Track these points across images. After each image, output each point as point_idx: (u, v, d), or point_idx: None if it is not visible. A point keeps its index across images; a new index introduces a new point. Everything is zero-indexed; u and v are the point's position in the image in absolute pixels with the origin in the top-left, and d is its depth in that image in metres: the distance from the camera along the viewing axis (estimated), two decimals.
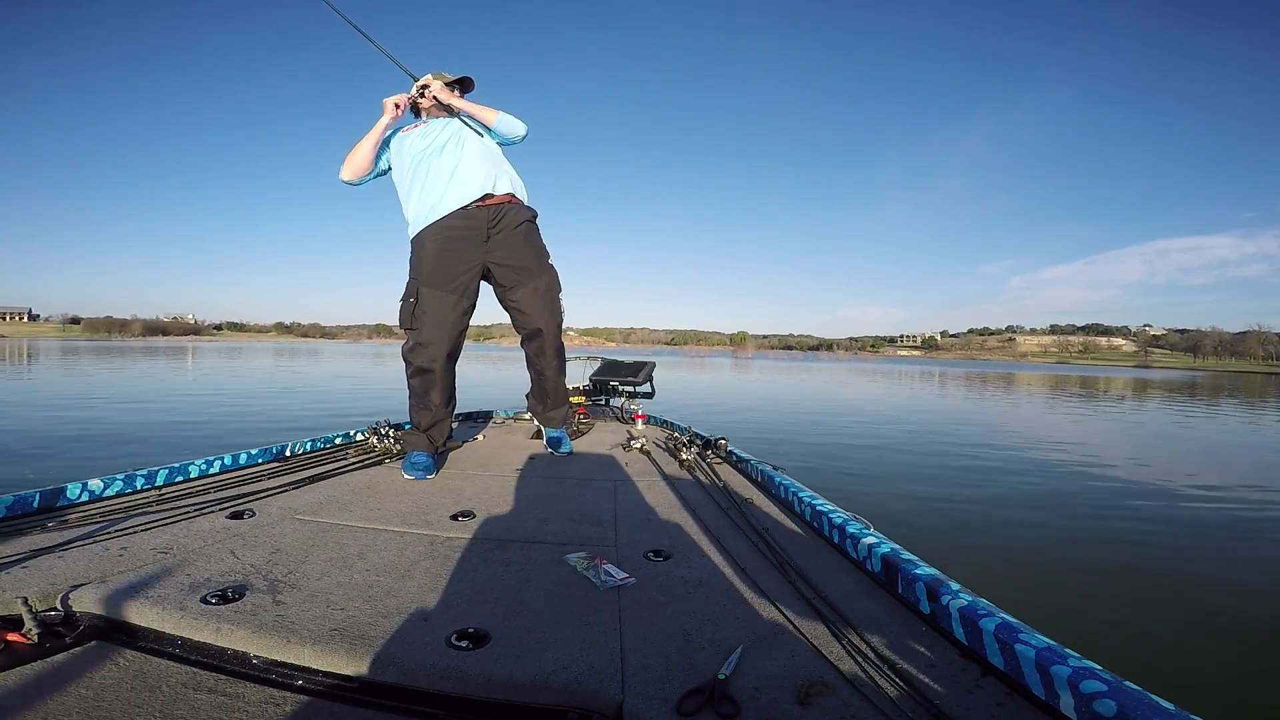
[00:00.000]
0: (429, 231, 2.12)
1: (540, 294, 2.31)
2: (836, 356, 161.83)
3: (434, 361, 2.11)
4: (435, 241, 2.11)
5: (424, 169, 2.16)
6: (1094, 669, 0.71)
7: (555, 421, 2.50)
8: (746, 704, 0.75)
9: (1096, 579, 2.88)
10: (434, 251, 2.10)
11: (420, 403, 2.14)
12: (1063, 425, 10.15)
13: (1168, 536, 3.64)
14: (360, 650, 0.85)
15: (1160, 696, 0.65)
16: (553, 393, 2.47)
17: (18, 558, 1.11)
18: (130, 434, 6.08)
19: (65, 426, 6.40)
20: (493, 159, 2.24)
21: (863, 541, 1.20)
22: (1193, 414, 13.12)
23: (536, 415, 2.57)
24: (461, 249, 2.13)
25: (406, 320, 2.10)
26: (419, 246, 2.14)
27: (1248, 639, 2.33)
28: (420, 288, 2.09)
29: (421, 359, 2.10)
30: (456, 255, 2.12)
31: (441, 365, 2.13)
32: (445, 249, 2.11)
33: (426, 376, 2.12)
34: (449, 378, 2.20)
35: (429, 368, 2.11)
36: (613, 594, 1.08)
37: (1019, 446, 7.32)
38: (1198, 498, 4.71)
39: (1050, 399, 17.03)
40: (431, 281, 2.09)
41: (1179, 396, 20.10)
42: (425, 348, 2.09)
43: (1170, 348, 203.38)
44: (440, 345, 2.11)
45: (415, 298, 2.08)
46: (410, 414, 2.19)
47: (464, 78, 2.26)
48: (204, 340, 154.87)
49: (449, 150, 2.17)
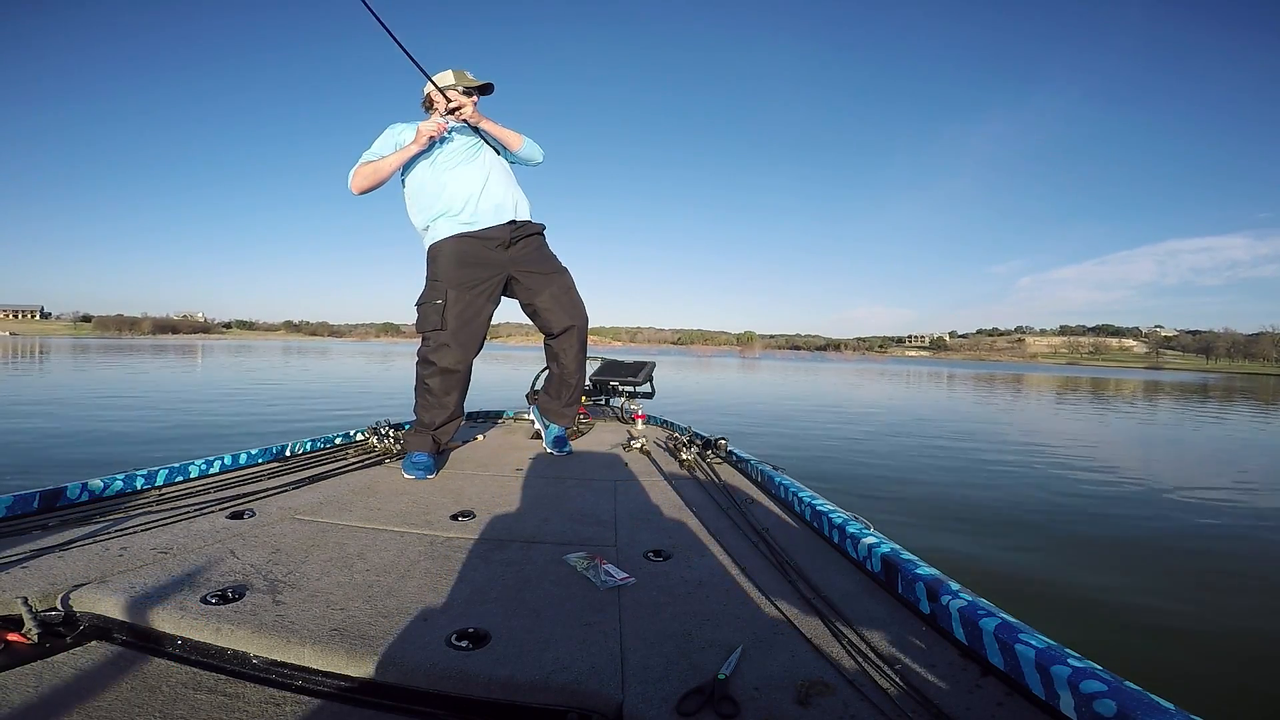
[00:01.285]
0: (454, 240, 2.15)
1: (565, 292, 2.35)
2: (844, 357, 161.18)
3: (460, 363, 2.13)
4: (461, 248, 2.14)
5: (447, 178, 2.16)
6: (1094, 669, 0.71)
7: (566, 419, 2.50)
8: (746, 704, 0.75)
9: (1097, 579, 2.88)
10: (459, 258, 2.13)
11: (436, 403, 2.13)
12: (1071, 427, 10.13)
13: (1170, 537, 3.64)
14: (360, 650, 0.85)
15: (1160, 696, 0.65)
16: (573, 387, 2.48)
17: (18, 558, 1.11)
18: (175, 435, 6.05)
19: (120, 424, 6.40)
20: (511, 179, 2.30)
21: (863, 541, 1.20)
22: (1204, 416, 13.03)
23: (549, 411, 2.53)
24: (486, 256, 2.17)
25: (434, 322, 2.09)
26: (442, 253, 2.15)
27: (1248, 639, 2.33)
28: (449, 290, 2.10)
29: (448, 360, 2.10)
30: (482, 262, 2.16)
31: (467, 367, 2.16)
32: (472, 256, 2.15)
33: (450, 377, 2.13)
34: (468, 380, 2.22)
35: (455, 369, 2.12)
36: (613, 594, 1.08)
37: (1022, 447, 7.32)
38: (1201, 499, 4.71)
39: (1059, 400, 16.93)
40: (458, 284, 2.12)
41: (1191, 399, 19.96)
42: (451, 349, 2.10)
43: (1182, 349, 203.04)
44: (467, 348, 2.14)
45: (444, 299, 2.09)
46: (419, 413, 2.17)
47: (486, 84, 2.25)
48: (213, 338, 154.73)
49: (476, 165, 2.19)
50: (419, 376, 2.16)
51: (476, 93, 2.23)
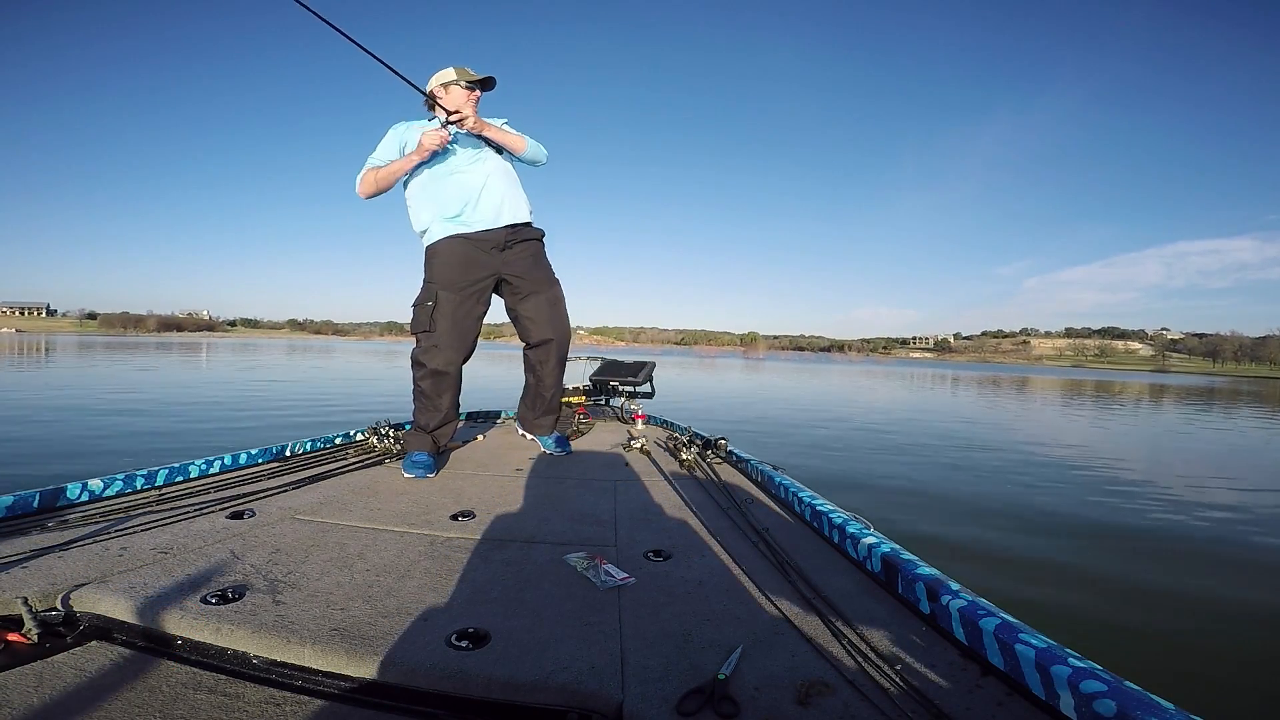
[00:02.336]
0: (449, 242, 2.15)
1: (551, 304, 2.36)
2: (849, 358, 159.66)
3: (450, 365, 2.13)
4: (454, 250, 2.15)
5: (446, 181, 2.16)
6: (1094, 669, 0.71)
7: (543, 429, 2.49)
8: (746, 704, 0.75)
9: (1097, 578, 2.88)
10: (453, 259, 2.14)
11: (430, 405, 2.14)
12: (1078, 429, 10.01)
13: (1171, 536, 3.64)
14: (360, 650, 0.85)
15: (1160, 696, 0.65)
16: (548, 400, 2.48)
17: (18, 558, 1.11)
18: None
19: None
20: (512, 181, 2.29)
21: (863, 541, 1.20)
22: (1209, 420, 12.86)
23: (524, 422, 2.55)
24: (479, 258, 2.17)
25: (424, 323, 2.10)
26: (437, 253, 2.16)
27: (1249, 639, 2.33)
28: (439, 291, 2.11)
29: (437, 362, 2.11)
30: (475, 263, 2.16)
31: (457, 369, 2.16)
32: (465, 258, 2.15)
33: (441, 379, 2.13)
34: (460, 381, 2.22)
35: (445, 370, 2.13)
36: (613, 594, 1.08)
37: (1026, 447, 7.31)
38: (1204, 500, 4.71)
39: (1065, 403, 16.69)
40: (450, 286, 2.12)
41: (1196, 402, 19.68)
42: (441, 351, 2.11)
43: (1189, 352, 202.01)
44: (457, 349, 2.14)
45: (434, 300, 2.10)
46: (416, 415, 2.18)
47: (487, 77, 2.24)
48: (218, 336, 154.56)
49: (477, 169, 2.19)
50: (414, 379, 2.17)
51: (478, 86, 2.21)
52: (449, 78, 2.19)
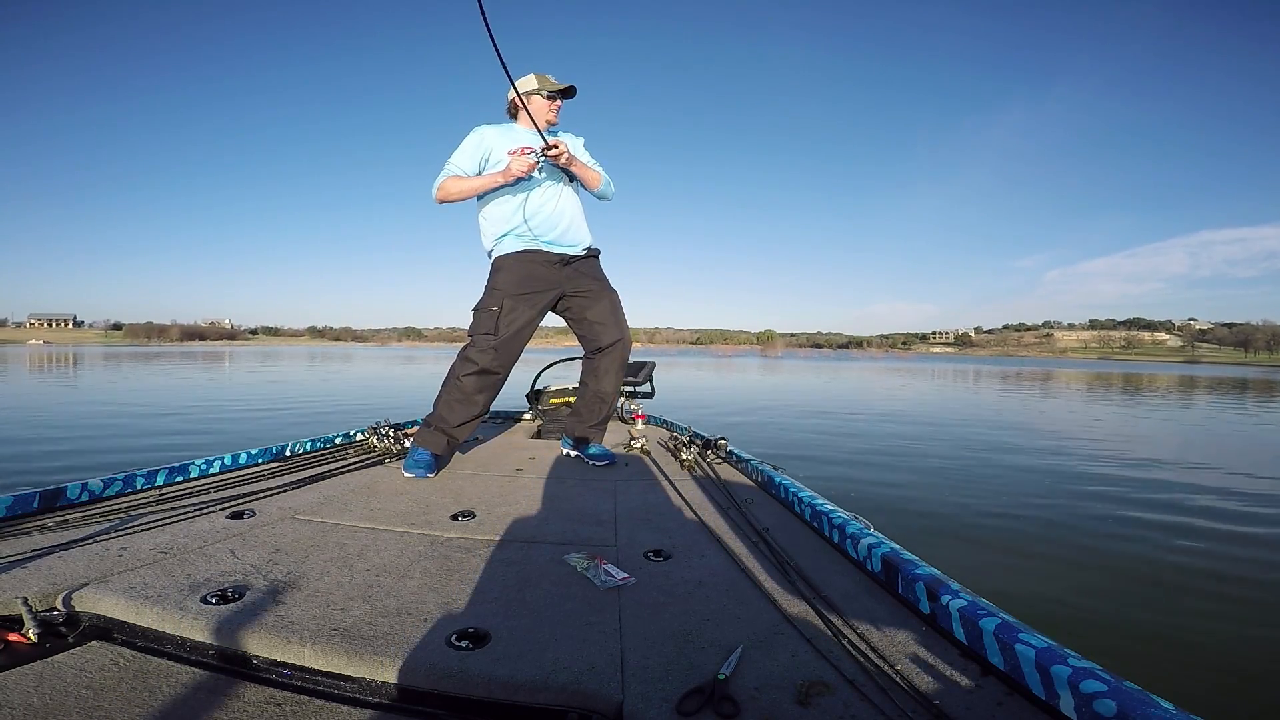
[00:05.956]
0: (518, 255, 2.22)
1: (614, 310, 2.40)
2: (869, 354, 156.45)
3: (502, 368, 2.18)
4: (523, 262, 2.21)
5: (522, 199, 2.20)
6: (1094, 669, 0.71)
7: (597, 437, 2.43)
8: (746, 704, 0.75)
9: (1097, 579, 2.87)
10: (521, 271, 2.21)
11: (465, 399, 2.14)
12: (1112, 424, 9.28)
13: (1172, 538, 3.63)
14: (360, 650, 0.85)
15: (1160, 696, 0.65)
16: (609, 407, 2.45)
17: (18, 558, 1.11)
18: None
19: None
20: (579, 207, 2.37)
21: (863, 541, 1.20)
22: (1251, 412, 12.04)
23: (575, 430, 2.44)
24: (545, 274, 2.24)
25: (489, 326, 2.14)
26: (505, 265, 2.22)
27: (1249, 639, 2.33)
28: (505, 298, 2.17)
29: (493, 362, 2.15)
30: (540, 278, 2.23)
31: (506, 372, 2.21)
32: (532, 271, 2.22)
33: (486, 378, 2.16)
34: (502, 387, 2.25)
35: (495, 371, 2.16)
36: (613, 594, 1.08)
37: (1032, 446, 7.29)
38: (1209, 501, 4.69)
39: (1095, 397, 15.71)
40: (519, 294, 2.19)
41: (1231, 394, 18.52)
42: (498, 353, 2.15)
43: (1218, 342, 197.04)
44: (511, 355, 2.20)
45: (500, 306, 2.16)
46: (440, 408, 2.14)
47: (568, 86, 2.25)
48: (239, 344, 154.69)
49: (551, 191, 2.24)
50: (454, 373, 2.17)
51: (560, 95, 2.25)
52: (530, 86, 2.19)
